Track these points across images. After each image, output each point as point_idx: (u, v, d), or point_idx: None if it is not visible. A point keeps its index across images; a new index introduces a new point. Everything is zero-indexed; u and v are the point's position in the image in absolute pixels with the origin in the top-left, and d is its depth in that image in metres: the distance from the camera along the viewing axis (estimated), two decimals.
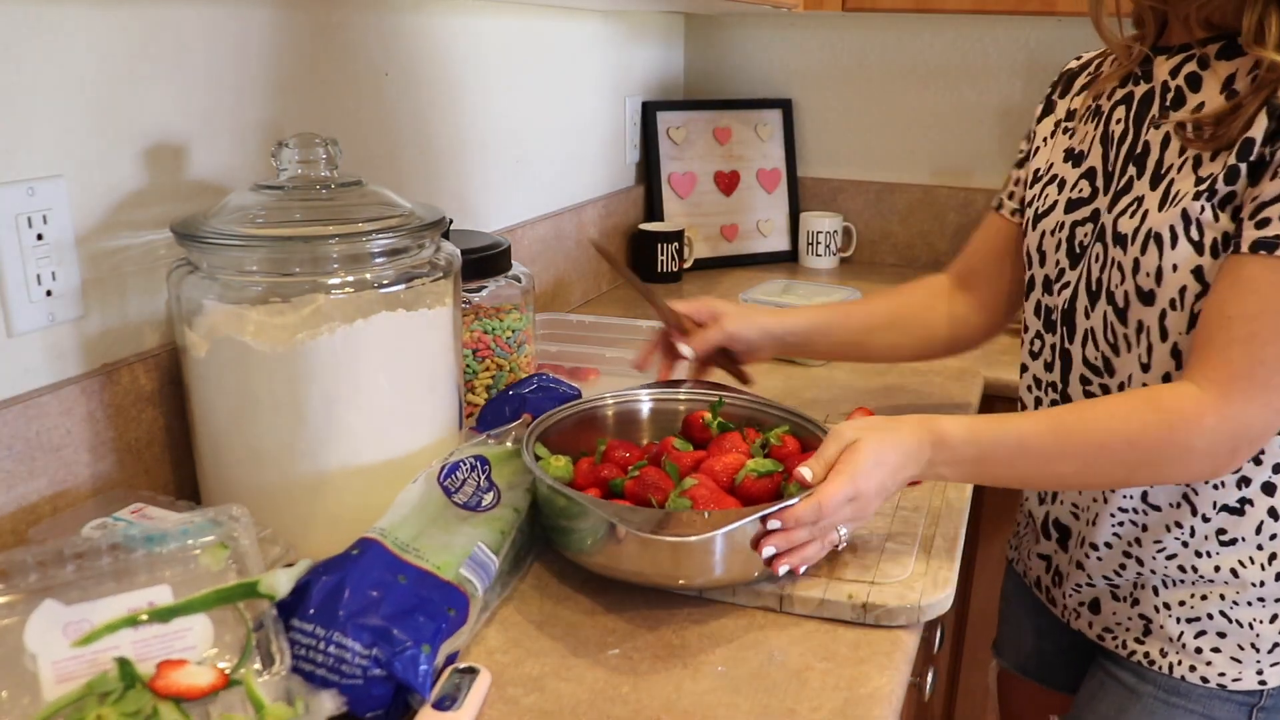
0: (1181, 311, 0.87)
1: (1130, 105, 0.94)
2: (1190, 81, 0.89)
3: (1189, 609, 0.94)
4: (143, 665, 0.63)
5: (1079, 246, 0.96)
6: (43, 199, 0.84)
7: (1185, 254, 0.85)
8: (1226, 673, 0.94)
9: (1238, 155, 0.82)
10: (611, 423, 1.03)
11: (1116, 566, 0.98)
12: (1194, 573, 0.93)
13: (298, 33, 1.10)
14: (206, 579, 0.69)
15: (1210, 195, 0.84)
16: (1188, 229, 0.85)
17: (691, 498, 0.85)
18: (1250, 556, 0.92)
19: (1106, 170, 0.95)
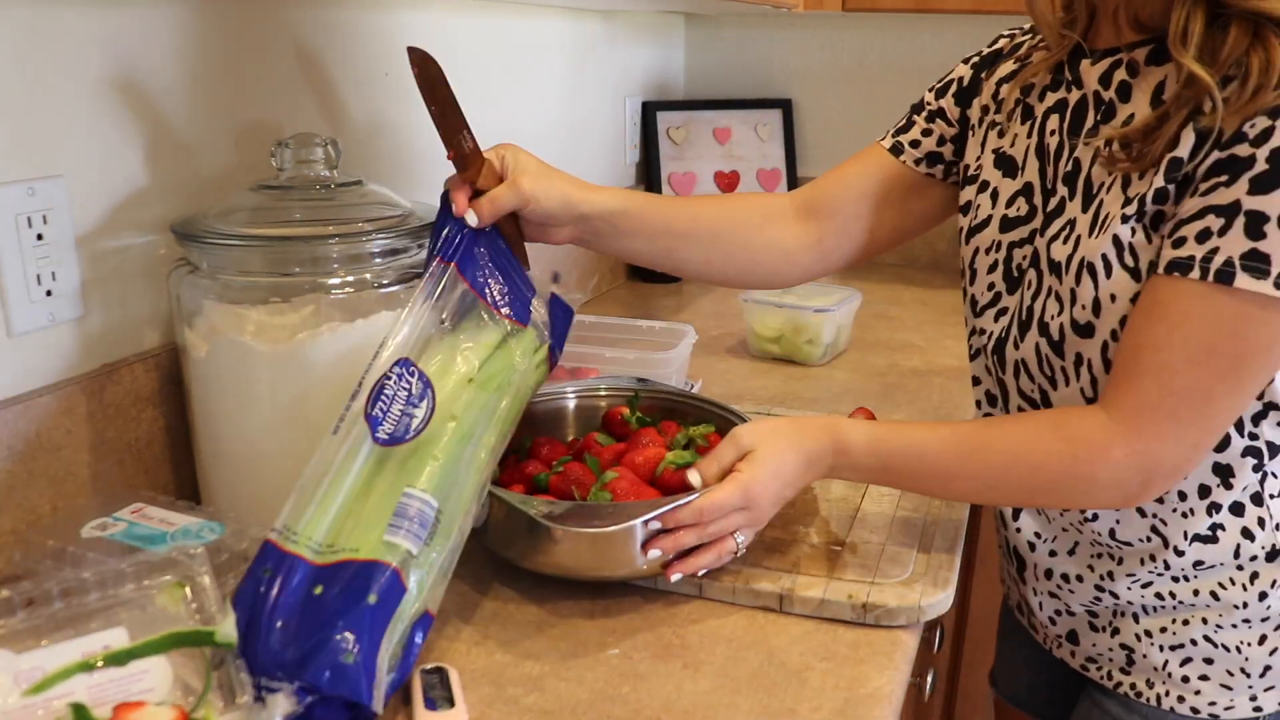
0: None
1: (1064, 115, 0.86)
2: (1121, 91, 0.81)
3: (1171, 635, 0.89)
4: (99, 710, 0.62)
5: (1016, 270, 0.89)
6: (43, 199, 0.84)
7: (1123, 282, 0.78)
8: (1218, 701, 0.88)
9: (1165, 176, 0.75)
10: (537, 419, 1.03)
11: (1091, 598, 0.93)
12: (1173, 599, 0.88)
13: (298, 32, 1.10)
14: (164, 620, 0.68)
15: (1140, 217, 0.77)
16: (1120, 255, 0.78)
17: (612, 490, 0.86)
18: (1230, 578, 0.86)
19: (1044, 187, 0.88)
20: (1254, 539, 0.85)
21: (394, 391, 0.75)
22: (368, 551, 0.70)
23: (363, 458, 0.74)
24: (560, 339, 0.91)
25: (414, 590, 0.71)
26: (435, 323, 0.81)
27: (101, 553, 0.77)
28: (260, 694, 0.66)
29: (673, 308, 1.81)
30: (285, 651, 0.67)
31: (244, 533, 0.81)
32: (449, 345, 0.81)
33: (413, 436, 0.75)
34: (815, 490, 1.05)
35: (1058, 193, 0.86)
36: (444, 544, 0.75)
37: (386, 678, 0.69)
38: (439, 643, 0.80)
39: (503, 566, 0.91)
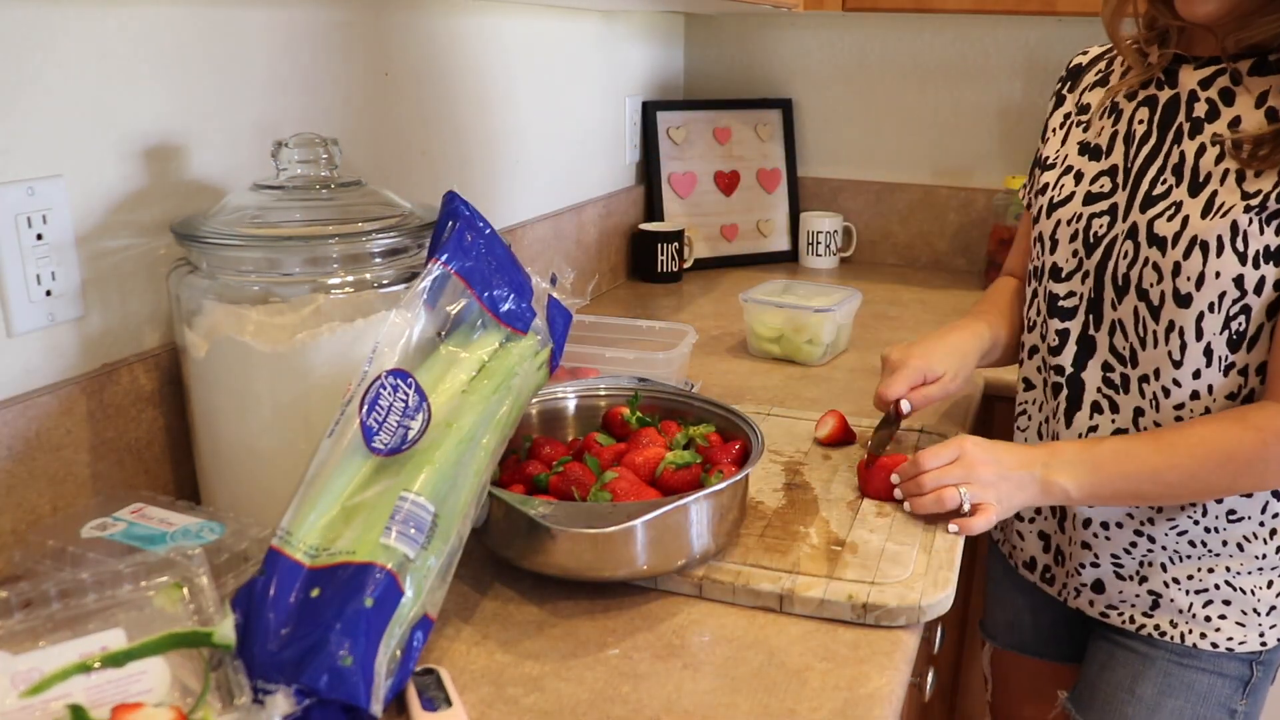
0: (1217, 315, 0.93)
1: (1154, 108, 0.99)
2: (1223, 96, 0.94)
3: (1197, 581, 1.02)
4: (97, 711, 0.62)
5: (1093, 237, 1.01)
6: (42, 199, 0.84)
7: (1229, 262, 0.91)
8: (1234, 637, 1.02)
9: None
10: (537, 420, 1.03)
11: (1127, 545, 1.04)
12: (1203, 547, 1.01)
13: (297, 33, 1.10)
14: (162, 621, 0.68)
15: (1261, 210, 0.89)
16: (1234, 240, 0.91)
17: (612, 491, 0.86)
18: (1254, 532, 1.00)
19: (1127, 168, 1.00)
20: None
21: (389, 402, 0.75)
22: (364, 554, 0.70)
23: (358, 462, 0.74)
24: (559, 342, 0.91)
25: (411, 594, 0.71)
26: (433, 327, 0.81)
27: (101, 553, 0.77)
28: (258, 695, 0.66)
29: (672, 307, 1.81)
30: (283, 654, 0.67)
31: (244, 533, 0.81)
32: (446, 351, 0.81)
33: (408, 447, 0.75)
34: (815, 490, 1.05)
35: (1158, 177, 0.97)
36: (442, 547, 0.74)
37: (385, 681, 0.69)
38: (439, 643, 0.80)
39: (503, 566, 0.91)
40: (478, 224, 0.86)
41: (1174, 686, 1.04)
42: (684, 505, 0.83)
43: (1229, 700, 1.04)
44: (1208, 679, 1.03)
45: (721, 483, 0.86)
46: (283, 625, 0.68)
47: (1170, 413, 0.98)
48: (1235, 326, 0.93)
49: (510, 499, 0.83)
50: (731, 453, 0.95)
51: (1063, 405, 1.06)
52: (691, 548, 0.86)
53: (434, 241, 0.84)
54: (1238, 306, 0.92)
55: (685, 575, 0.87)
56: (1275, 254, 0.90)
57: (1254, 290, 0.91)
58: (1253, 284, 0.91)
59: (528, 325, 0.87)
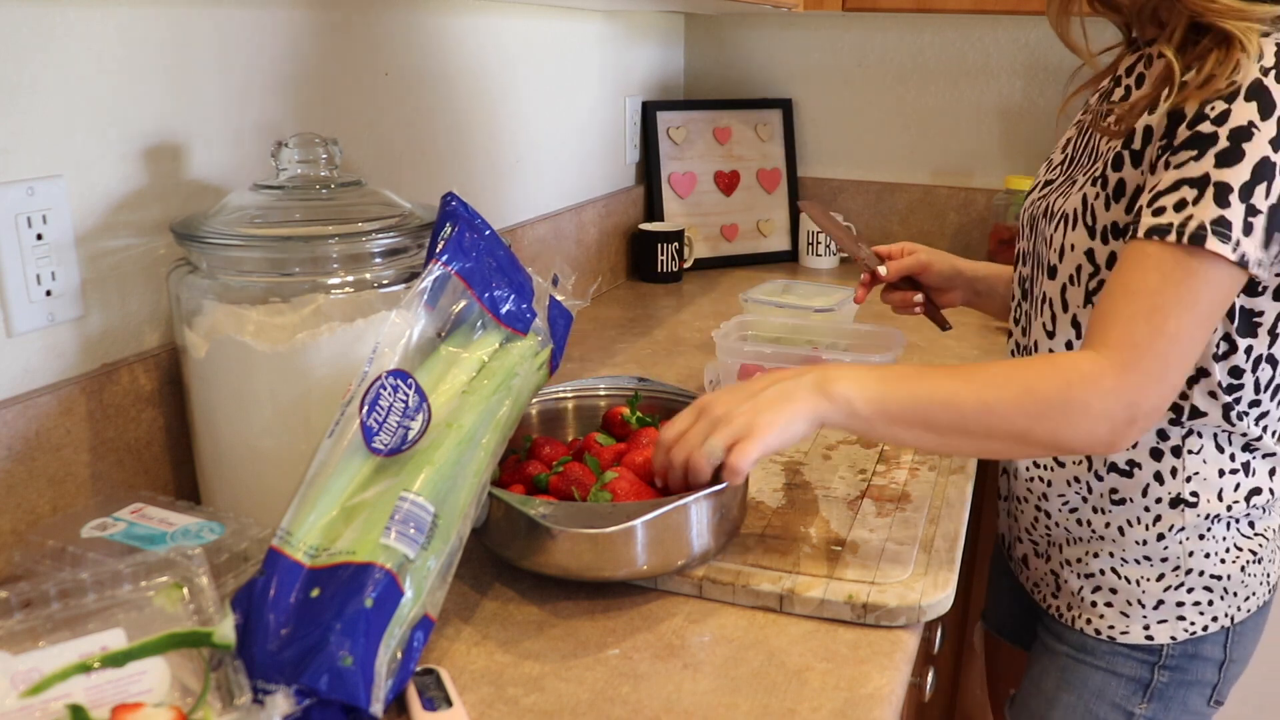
0: (1078, 287, 0.95)
1: (1103, 99, 1.02)
2: (1138, 80, 0.96)
3: (1085, 565, 1.03)
4: (97, 711, 0.62)
5: (1030, 220, 1.05)
6: (42, 199, 0.84)
7: (1080, 236, 0.94)
8: (1115, 626, 1.01)
9: (1123, 143, 0.90)
10: (536, 420, 1.03)
11: (1031, 520, 1.08)
12: (1088, 527, 1.02)
13: (297, 33, 1.10)
14: (162, 621, 0.68)
15: (1103, 183, 0.91)
16: (1085, 213, 0.93)
17: (612, 491, 0.86)
18: (1137, 517, 0.98)
19: (1072, 157, 1.03)
20: (1163, 483, 0.96)
21: (390, 403, 0.75)
22: (364, 554, 0.70)
23: (358, 463, 0.74)
24: (560, 343, 0.91)
25: (411, 594, 0.71)
26: (433, 327, 0.81)
27: (101, 553, 0.77)
28: (258, 696, 0.66)
29: (673, 307, 1.81)
30: (283, 654, 0.67)
31: (244, 533, 0.81)
32: (447, 351, 0.81)
33: (409, 447, 0.75)
34: (815, 490, 1.05)
35: (1080, 162, 1.00)
36: (442, 548, 0.74)
37: (386, 681, 0.69)
38: (439, 643, 0.80)
39: (503, 567, 0.91)
40: (477, 224, 0.86)
41: (1069, 681, 1.04)
42: (684, 505, 0.83)
43: (1125, 701, 1.02)
44: (1101, 676, 1.03)
45: (722, 484, 0.86)
46: (283, 625, 0.68)
47: None
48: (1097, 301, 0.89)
49: (510, 499, 0.83)
50: None
51: None
52: (691, 548, 0.86)
53: (433, 242, 0.84)
54: (1095, 281, 0.93)
55: (685, 575, 0.87)
56: (1123, 231, 0.90)
57: (1106, 264, 0.92)
58: (1104, 258, 0.92)
59: (528, 326, 0.87)
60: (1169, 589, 0.99)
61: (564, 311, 0.92)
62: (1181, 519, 0.96)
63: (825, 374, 0.84)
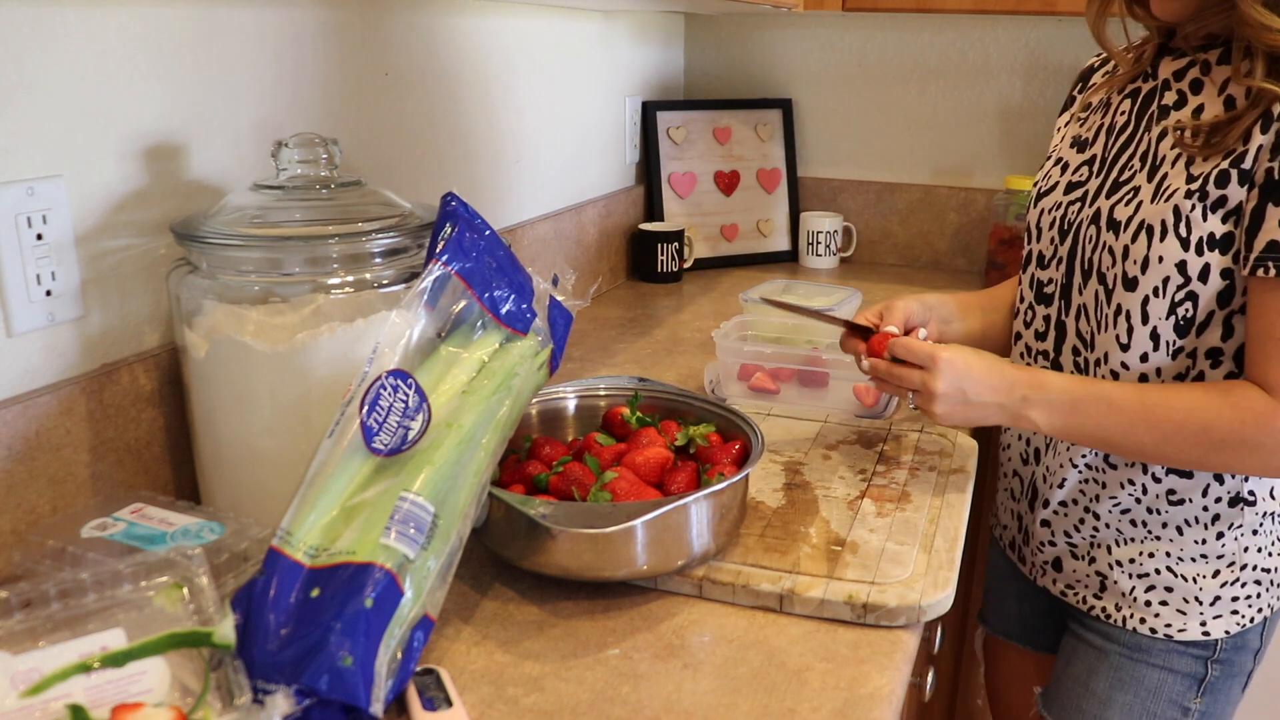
0: (1162, 299, 0.94)
1: (1135, 99, 1.01)
2: (1193, 86, 0.95)
3: (1138, 565, 1.02)
4: (97, 711, 0.62)
5: (1067, 224, 1.03)
6: (42, 199, 0.84)
7: (1172, 248, 0.92)
8: (1173, 624, 1.02)
9: (1230, 161, 0.88)
10: (536, 420, 1.03)
11: (1075, 522, 1.06)
12: (1144, 528, 1.02)
13: (297, 33, 1.10)
14: (162, 621, 0.68)
15: (1202, 196, 0.90)
16: (1176, 225, 0.91)
17: (612, 491, 0.86)
18: (1195, 516, 0.99)
19: (1104, 157, 1.02)
20: (1223, 483, 0.98)
21: (389, 403, 0.74)
22: (364, 554, 0.70)
23: (358, 463, 0.74)
24: (560, 343, 0.91)
25: (411, 594, 0.71)
26: (432, 327, 0.81)
27: (101, 553, 0.77)
28: (258, 696, 0.66)
29: (673, 307, 1.81)
30: (283, 654, 0.67)
31: (244, 533, 0.81)
32: (447, 351, 0.81)
33: (409, 447, 0.75)
34: (815, 490, 1.05)
35: (1129, 164, 0.99)
36: (442, 548, 0.74)
37: (386, 682, 0.69)
38: (439, 643, 0.80)
39: (503, 567, 0.91)
40: (477, 224, 0.86)
41: (1124, 681, 1.05)
42: (684, 505, 0.83)
43: (1180, 698, 1.03)
44: (1158, 674, 1.03)
45: (721, 483, 0.86)
46: (283, 625, 0.68)
47: None
48: (1182, 312, 0.93)
49: (510, 499, 0.83)
50: (731, 453, 0.95)
51: None
52: (691, 548, 0.86)
53: (433, 242, 0.84)
54: (1183, 293, 0.93)
55: (685, 575, 0.87)
56: (1220, 242, 0.90)
57: (1198, 277, 0.91)
58: (1196, 270, 0.91)
59: (528, 326, 0.87)
60: (1225, 585, 1.00)
61: (564, 312, 0.92)
62: (1240, 517, 0.98)
63: (1027, 401, 0.95)
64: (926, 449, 1.16)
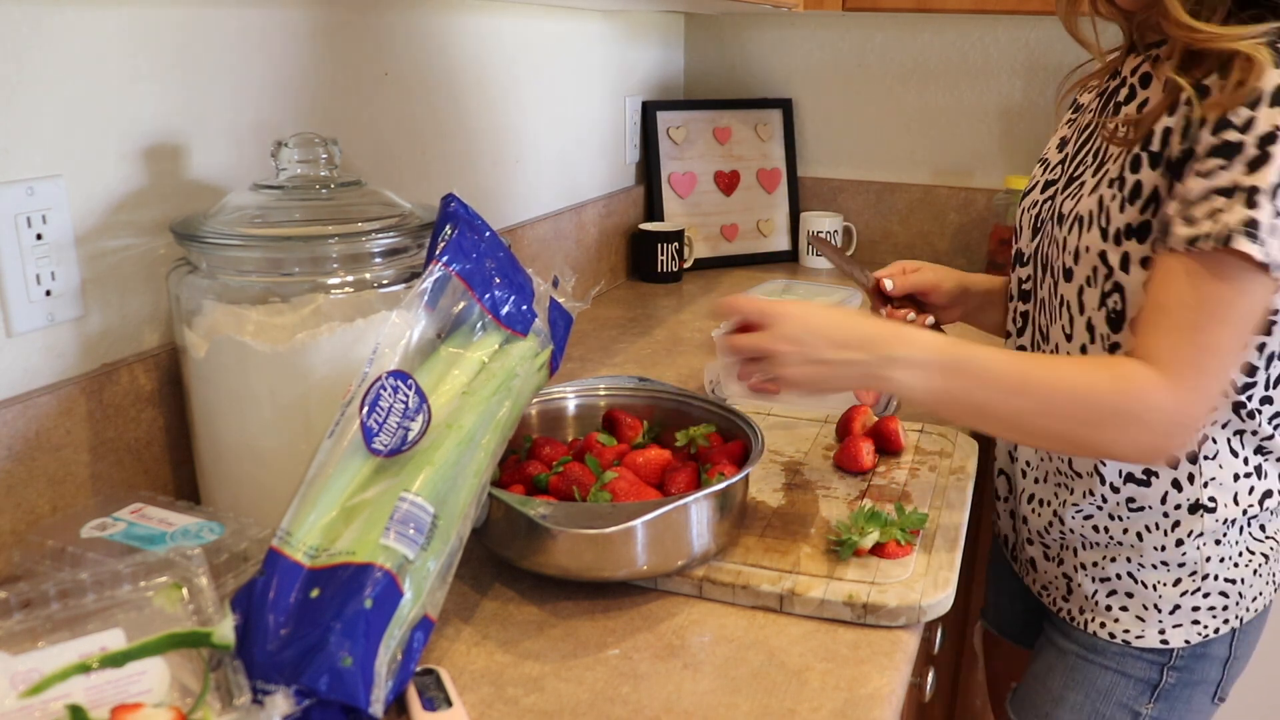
0: (1094, 289, 0.94)
1: (1102, 97, 1.02)
2: (1143, 80, 0.96)
3: (1100, 570, 1.02)
4: (96, 711, 0.62)
5: (1040, 221, 1.04)
6: (42, 199, 0.84)
7: (1094, 238, 0.92)
8: (1131, 630, 1.01)
9: (1142, 145, 0.89)
10: (537, 420, 1.03)
11: (1045, 525, 1.06)
12: (1106, 534, 1.01)
13: (297, 33, 1.10)
14: (161, 621, 0.68)
15: (1120, 185, 0.90)
16: (1099, 215, 0.92)
17: (612, 491, 0.86)
18: (1156, 523, 0.98)
19: (1071, 155, 1.03)
20: (1181, 490, 0.96)
21: (390, 403, 0.75)
22: (364, 555, 0.70)
23: (358, 463, 0.74)
24: (560, 344, 0.91)
25: (410, 595, 0.71)
26: (433, 328, 0.81)
27: (101, 553, 0.77)
28: (258, 696, 0.66)
29: (673, 307, 1.81)
30: (282, 654, 0.67)
31: (243, 533, 0.81)
32: (447, 352, 0.81)
33: (409, 448, 0.75)
34: (815, 490, 1.05)
35: (1085, 160, 0.99)
36: (442, 548, 0.74)
37: (386, 682, 0.69)
38: (439, 643, 0.80)
39: (503, 567, 0.91)
40: (477, 225, 0.86)
41: (1077, 680, 1.04)
42: (684, 505, 0.83)
43: (1132, 702, 1.03)
44: (1110, 676, 1.03)
45: (721, 483, 0.86)
46: (282, 626, 0.68)
47: None
48: (1111, 304, 0.92)
49: (510, 499, 0.83)
50: (731, 453, 0.95)
51: None
52: (691, 548, 0.86)
53: (433, 243, 0.84)
54: (1109, 284, 0.92)
55: (685, 575, 0.87)
56: (1137, 230, 0.89)
57: (1120, 267, 0.91)
58: (1117, 260, 0.91)
59: (528, 327, 0.87)
60: (1185, 593, 0.99)
61: (564, 313, 0.92)
62: (1200, 524, 0.96)
63: (891, 357, 0.85)
64: (926, 449, 1.16)
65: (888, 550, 0.90)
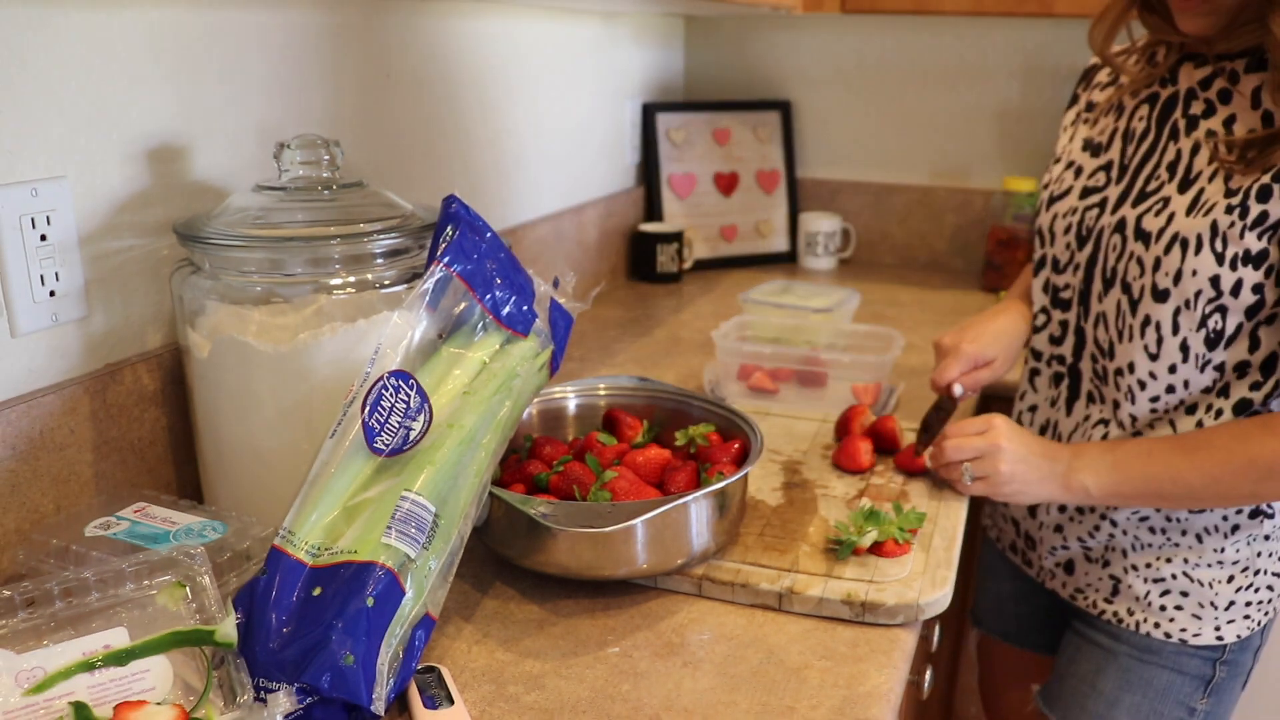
0: (1193, 311, 0.93)
1: (1154, 105, 1.00)
2: (1221, 95, 0.95)
3: (1155, 570, 1.03)
4: (100, 709, 0.62)
5: (1085, 230, 1.03)
6: (46, 200, 0.85)
7: (1207, 262, 0.91)
8: (1188, 628, 1.03)
9: (1272, 176, 0.88)
10: (537, 420, 1.04)
11: (1091, 529, 1.07)
12: (1163, 535, 1.02)
13: (300, 35, 1.10)
14: (164, 619, 0.69)
15: (1243, 213, 0.89)
16: (1213, 240, 0.91)
17: (612, 490, 0.87)
18: (1215, 525, 1.00)
19: (1123, 164, 1.01)
20: None
21: (391, 403, 0.75)
22: (366, 554, 0.71)
23: (360, 462, 0.74)
24: (561, 344, 0.92)
25: (412, 593, 0.72)
26: (434, 328, 0.81)
27: (104, 552, 0.78)
28: (260, 694, 0.66)
29: (673, 307, 1.82)
30: (285, 652, 0.67)
31: (246, 532, 0.81)
32: (448, 352, 0.82)
33: (410, 447, 0.76)
34: (815, 490, 1.05)
35: (1154, 173, 0.98)
36: (443, 547, 0.75)
37: (387, 680, 0.69)
38: (440, 641, 0.81)
39: (503, 565, 0.91)
40: (478, 226, 0.87)
41: (1133, 682, 1.05)
42: (684, 504, 0.83)
43: (1188, 699, 1.04)
44: (1167, 675, 1.04)
45: (721, 482, 0.86)
46: (285, 624, 0.69)
47: (1146, 405, 0.99)
48: (1212, 325, 0.93)
49: (511, 499, 0.83)
50: (731, 452, 0.95)
51: (1064, 395, 1.08)
52: (691, 546, 0.86)
53: (434, 244, 0.85)
54: (1213, 306, 0.93)
55: (685, 574, 0.88)
56: (1255, 258, 0.90)
57: (1230, 292, 0.92)
58: (1229, 285, 0.91)
59: (528, 327, 0.87)
60: (1240, 590, 1.01)
61: (565, 314, 0.92)
62: (1259, 528, 0.99)
63: (1073, 466, 0.96)
64: None
65: (886, 549, 0.91)
